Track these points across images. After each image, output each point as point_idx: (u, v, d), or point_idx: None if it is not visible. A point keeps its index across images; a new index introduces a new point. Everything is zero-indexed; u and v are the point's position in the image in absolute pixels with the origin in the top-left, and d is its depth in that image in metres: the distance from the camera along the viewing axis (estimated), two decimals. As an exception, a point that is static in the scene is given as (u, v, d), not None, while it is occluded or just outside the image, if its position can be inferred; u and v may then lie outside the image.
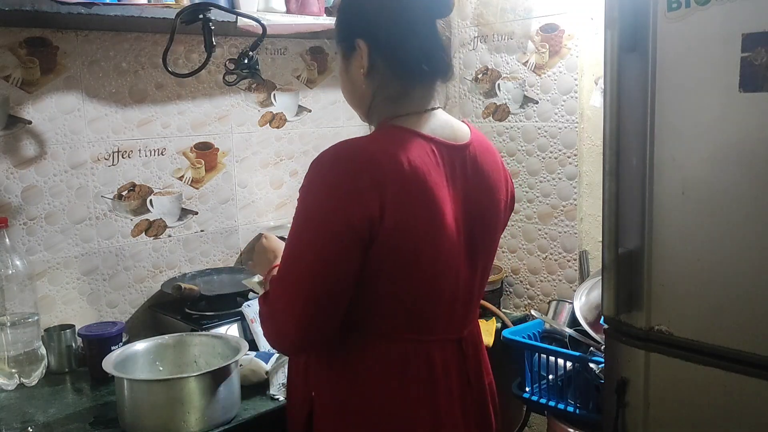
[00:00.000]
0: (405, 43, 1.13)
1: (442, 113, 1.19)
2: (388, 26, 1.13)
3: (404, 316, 1.14)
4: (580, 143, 2.00)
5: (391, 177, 1.04)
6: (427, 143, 1.12)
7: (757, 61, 1.08)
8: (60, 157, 1.76)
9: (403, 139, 1.10)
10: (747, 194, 1.13)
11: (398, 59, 1.14)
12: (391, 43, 1.14)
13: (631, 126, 1.23)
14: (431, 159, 1.11)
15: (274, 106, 2.16)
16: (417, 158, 1.08)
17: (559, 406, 1.73)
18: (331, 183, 1.05)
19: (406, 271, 1.10)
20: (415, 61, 1.14)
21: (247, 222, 2.13)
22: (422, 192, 1.08)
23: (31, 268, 1.67)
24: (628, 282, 1.28)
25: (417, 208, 1.07)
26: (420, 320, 1.15)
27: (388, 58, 1.14)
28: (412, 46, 1.14)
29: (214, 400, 1.35)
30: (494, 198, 1.22)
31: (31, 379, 1.61)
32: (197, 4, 1.63)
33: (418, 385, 1.16)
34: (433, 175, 1.10)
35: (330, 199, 1.05)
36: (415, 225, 1.08)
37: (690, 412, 1.24)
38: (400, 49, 1.14)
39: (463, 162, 1.16)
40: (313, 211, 1.06)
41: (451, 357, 1.20)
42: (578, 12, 1.95)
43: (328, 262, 1.04)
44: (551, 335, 1.84)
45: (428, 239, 1.10)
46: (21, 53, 1.67)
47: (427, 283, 1.13)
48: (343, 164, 1.05)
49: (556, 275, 2.11)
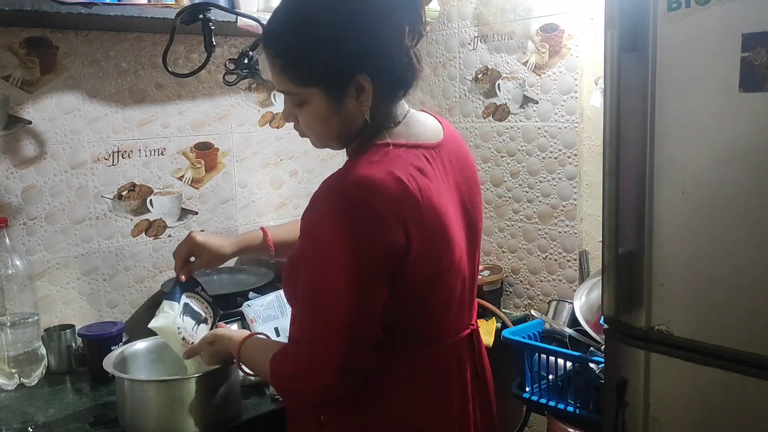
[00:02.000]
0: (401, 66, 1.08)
1: (415, 114, 1.16)
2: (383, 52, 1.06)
3: (421, 330, 1.13)
4: (580, 143, 2.00)
5: (405, 202, 1.03)
6: (420, 152, 1.10)
7: (757, 61, 1.08)
8: (60, 157, 1.76)
9: (397, 156, 1.06)
10: (747, 194, 1.13)
11: (398, 84, 1.10)
12: (389, 65, 1.07)
13: (631, 126, 1.23)
14: (428, 169, 1.10)
15: (274, 106, 2.16)
16: (417, 174, 1.06)
17: (559, 406, 1.73)
18: (355, 223, 1.00)
19: (428, 288, 1.10)
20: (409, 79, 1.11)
21: (247, 222, 2.13)
22: (432, 209, 1.06)
23: (31, 268, 1.67)
24: (628, 282, 1.28)
25: (432, 228, 1.07)
26: (434, 330, 1.15)
27: (388, 86, 1.09)
28: (403, 65, 1.08)
29: (214, 401, 1.35)
30: (475, 184, 1.23)
31: (31, 379, 1.61)
32: (197, 4, 1.63)
33: (434, 396, 1.15)
34: (434, 185, 1.09)
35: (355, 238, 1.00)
36: (432, 244, 1.07)
37: (690, 412, 1.24)
38: (400, 73, 1.09)
39: (448, 158, 1.16)
40: (337, 253, 1.01)
41: (463, 353, 1.21)
42: (578, 12, 1.95)
43: (365, 301, 1.02)
44: (551, 335, 1.84)
45: (444, 254, 1.10)
46: (21, 53, 1.67)
47: (444, 294, 1.13)
48: (362, 201, 1.01)
49: (556, 275, 2.11)
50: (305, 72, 1.06)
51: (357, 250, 1.00)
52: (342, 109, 1.08)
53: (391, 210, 1.01)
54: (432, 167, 1.11)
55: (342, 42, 1.04)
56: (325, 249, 1.02)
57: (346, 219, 1.00)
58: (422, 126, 1.15)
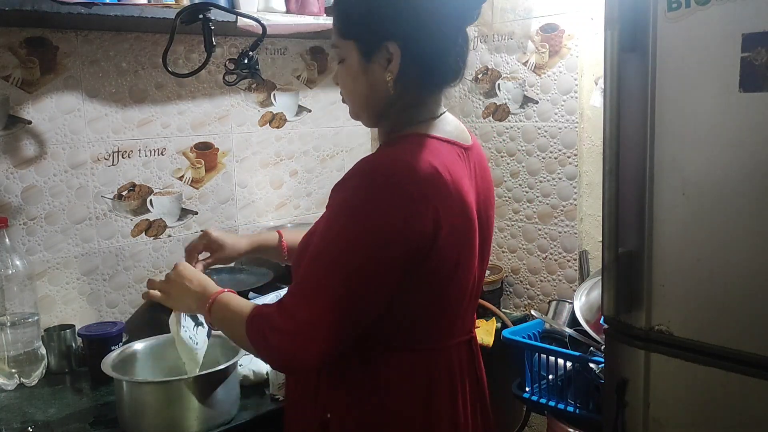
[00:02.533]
0: (441, 54, 1.09)
1: (449, 116, 1.18)
2: (425, 33, 1.06)
3: (428, 326, 1.13)
4: (580, 143, 2.00)
5: (436, 191, 1.02)
6: (453, 148, 1.11)
7: (757, 61, 1.08)
8: (60, 157, 1.76)
9: (435, 147, 1.07)
10: (747, 194, 1.13)
11: (433, 70, 1.10)
12: (428, 53, 1.08)
13: (631, 126, 1.23)
14: (461, 165, 1.10)
15: (274, 106, 2.16)
16: (453, 167, 1.07)
17: (559, 406, 1.73)
18: (385, 201, 1.00)
19: (445, 281, 1.09)
20: (449, 73, 1.11)
21: (247, 222, 2.13)
22: (460, 202, 1.07)
23: (31, 268, 1.67)
24: (628, 282, 1.27)
25: (458, 221, 1.06)
26: (442, 327, 1.15)
27: (420, 68, 1.09)
28: (447, 57, 1.09)
29: (213, 401, 1.35)
30: (492, 195, 1.24)
31: (31, 379, 1.61)
32: (197, 4, 1.63)
33: (441, 394, 1.15)
34: (465, 181, 1.09)
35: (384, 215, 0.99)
36: (458, 237, 1.07)
37: (690, 412, 1.24)
38: (437, 59, 1.09)
39: (473, 163, 1.17)
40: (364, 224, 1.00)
41: (464, 357, 1.21)
42: (578, 12, 1.95)
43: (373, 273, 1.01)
44: (551, 335, 1.84)
45: (466, 249, 1.10)
46: (21, 53, 1.67)
47: (458, 290, 1.13)
48: (396, 181, 1.00)
49: (556, 275, 2.11)
50: (345, 23, 1.10)
51: (382, 225, 0.99)
52: (369, 70, 1.09)
53: (423, 195, 1.00)
54: (464, 165, 1.12)
55: (382, 3, 1.06)
56: (350, 215, 1.01)
57: (376, 195, 1.00)
58: (456, 127, 1.17)
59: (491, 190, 1.24)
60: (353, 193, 1.02)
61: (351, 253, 1.00)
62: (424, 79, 1.10)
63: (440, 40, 1.08)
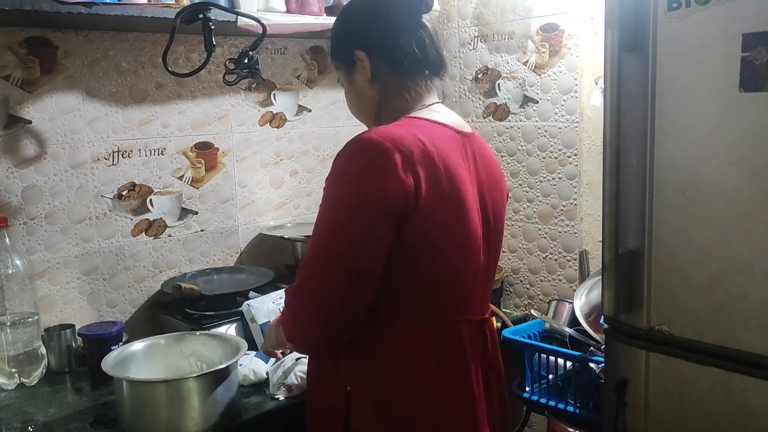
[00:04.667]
0: (398, 40, 1.20)
1: (444, 108, 1.26)
2: (379, 30, 1.21)
3: (434, 297, 1.16)
4: (580, 143, 2.00)
5: (419, 157, 1.08)
6: (443, 128, 1.18)
7: (758, 60, 1.08)
8: (60, 156, 1.76)
9: (422, 125, 1.16)
10: (747, 194, 1.13)
11: (395, 56, 1.21)
12: (387, 44, 1.21)
13: (631, 126, 1.23)
14: (450, 142, 1.17)
15: (274, 105, 2.16)
16: (438, 141, 1.13)
17: (559, 405, 1.73)
18: (364, 164, 1.07)
19: (436, 250, 1.13)
20: (410, 53, 1.20)
21: (247, 222, 2.13)
22: (448, 172, 1.12)
23: (31, 268, 1.67)
24: (628, 282, 1.28)
25: (444, 188, 1.11)
26: (449, 301, 1.18)
27: (386, 59, 1.21)
28: (404, 41, 1.20)
29: (213, 401, 1.35)
30: (500, 186, 1.29)
31: (31, 379, 1.61)
32: (197, 4, 1.62)
33: (453, 365, 1.19)
34: (453, 157, 1.15)
35: (365, 179, 1.06)
36: (444, 205, 1.11)
37: (690, 412, 1.24)
38: (395, 45, 1.20)
39: (472, 149, 1.23)
40: (347, 195, 1.08)
41: (477, 339, 1.24)
42: (578, 12, 1.95)
43: (364, 238, 1.06)
44: (551, 335, 1.84)
45: (454, 219, 1.14)
46: (21, 53, 1.67)
47: (453, 262, 1.16)
48: (375, 147, 1.07)
49: (556, 275, 2.11)
50: (332, 53, 1.29)
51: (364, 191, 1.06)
52: (354, 82, 1.25)
53: (403, 157, 1.06)
54: (455, 147, 1.18)
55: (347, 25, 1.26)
56: (331, 195, 1.10)
57: (357, 160, 1.08)
58: (450, 116, 1.24)
59: (499, 180, 1.29)
60: (337, 166, 1.10)
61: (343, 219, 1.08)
62: (396, 69, 1.21)
63: (397, 34, 1.20)
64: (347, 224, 1.07)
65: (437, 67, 1.25)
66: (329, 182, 1.11)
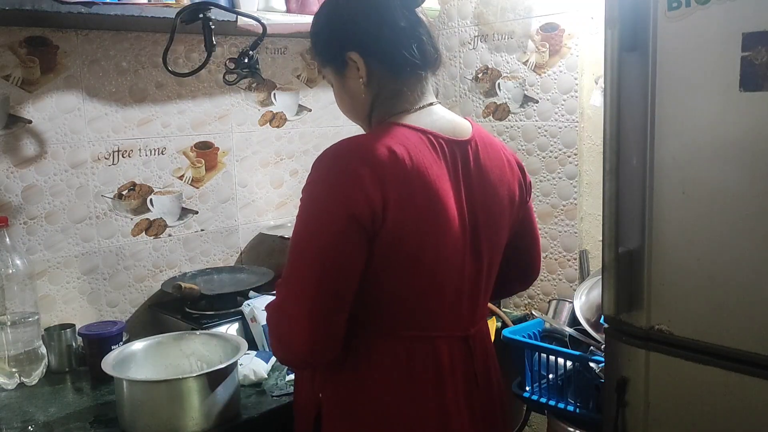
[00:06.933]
0: (392, 38, 1.15)
1: (441, 108, 1.21)
2: (373, 29, 1.15)
3: (408, 312, 1.14)
4: (580, 143, 2.00)
5: (391, 171, 1.05)
6: (425, 137, 1.13)
7: (758, 60, 1.08)
8: (60, 156, 1.76)
9: (401, 133, 1.11)
10: (747, 194, 1.13)
11: (389, 55, 1.16)
12: (380, 44, 1.15)
13: (631, 125, 1.23)
14: (431, 153, 1.12)
15: (275, 105, 2.16)
16: (416, 152, 1.09)
17: (559, 405, 1.73)
18: (332, 177, 1.06)
19: (410, 265, 1.10)
20: (408, 54, 1.16)
21: (247, 221, 2.13)
22: (424, 186, 1.08)
23: (32, 268, 1.67)
24: (628, 281, 1.27)
25: (419, 202, 1.08)
26: (424, 316, 1.15)
27: (380, 59, 1.16)
28: (398, 37, 1.15)
29: (213, 400, 1.35)
30: (498, 193, 1.22)
31: (31, 379, 1.61)
32: (197, 4, 1.62)
33: (426, 382, 1.16)
34: (434, 168, 1.11)
35: (332, 192, 1.05)
36: (418, 219, 1.08)
37: (690, 412, 1.24)
38: (389, 44, 1.15)
39: (465, 157, 1.17)
40: (315, 206, 1.07)
41: (458, 354, 1.20)
42: (578, 11, 1.95)
43: (334, 252, 1.04)
44: (551, 334, 1.84)
45: (431, 233, 1.10)
46: (21, 52, 1.67)
47: (430, 277, 1.13)
48: (344, 160, 1.06)
49: (556, 274, 2.11)
50: (318, 55, 1.24)
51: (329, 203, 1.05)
52: (346, 84, 1.20)
53: (372, 171, 1.04)
54: (435, 154, 1.13)
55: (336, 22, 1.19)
56: (302, 206, 1.09)
57: (325, 175, 1.07)
58: (441, 120, 1.18)
59: (497, 186, 1.22)
60: (310, 180, 1.10)
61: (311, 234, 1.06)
62: (391, 70, 1.17)
63: (393, 33, 1.15)
64: (318, 235, 1.05)
65: (434, 66, 1.20)
66: (303, 191, 1.10)
